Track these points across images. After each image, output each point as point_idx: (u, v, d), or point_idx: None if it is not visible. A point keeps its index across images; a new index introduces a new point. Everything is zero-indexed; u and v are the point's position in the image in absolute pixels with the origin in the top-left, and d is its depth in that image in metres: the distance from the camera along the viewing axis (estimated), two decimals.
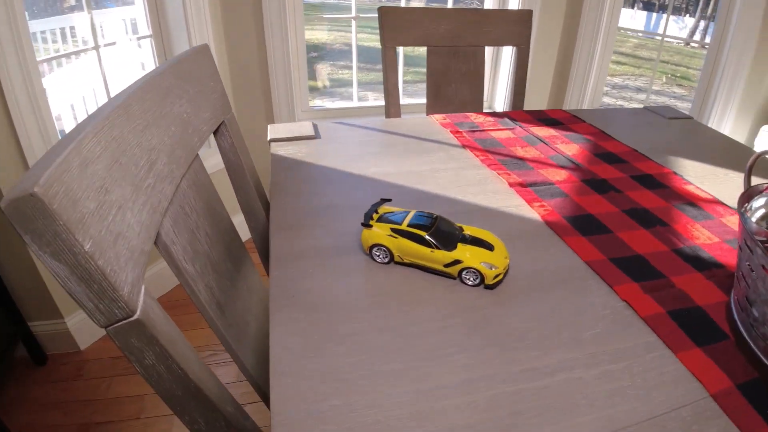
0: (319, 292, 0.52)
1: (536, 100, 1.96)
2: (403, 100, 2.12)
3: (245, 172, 0.77)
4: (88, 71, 1.40)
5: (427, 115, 1.40)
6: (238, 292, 0.66)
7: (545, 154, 0.87)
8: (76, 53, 1.39)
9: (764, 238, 0.46)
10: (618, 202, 0.71)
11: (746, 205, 0.49)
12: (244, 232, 1.87)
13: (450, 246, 0.53)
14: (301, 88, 1.89)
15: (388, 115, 1.33)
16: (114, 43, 1.45)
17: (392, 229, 0.55)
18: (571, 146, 0.91)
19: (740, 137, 2.00)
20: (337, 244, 0.60)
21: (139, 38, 1.52)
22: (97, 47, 1.37)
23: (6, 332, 1.19)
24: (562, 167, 0.82)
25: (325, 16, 1.79)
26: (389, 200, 0.61)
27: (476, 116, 1.06)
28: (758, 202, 0.47)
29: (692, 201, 0.72)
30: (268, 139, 0.93)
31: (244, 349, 0.60)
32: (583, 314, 0.49)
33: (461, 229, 0.56)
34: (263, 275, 1.60)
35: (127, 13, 1.50)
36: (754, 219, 0.46)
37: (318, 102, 1.93)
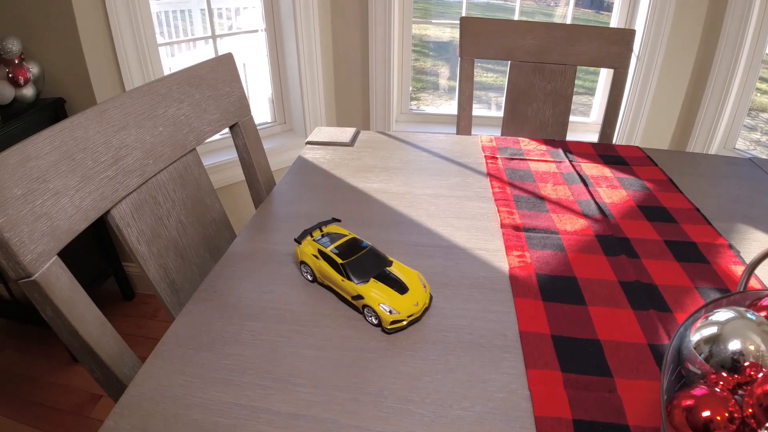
0: (238, 295, 0.54)
1: (656, 133, 1.68)
2: (493, 112, 2.00)
3: (255, 170, 0.82)
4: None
5: (502, 133, 1.31)
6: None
7: (576, 197, 0.76)
8: (193, 40, 1.60)
9: (698, 371, 0.34)
10: (623, 270, 0.59)
11: (708, 314, 0.38)
12: None
13: (361, 279, 0.50)
14: (402, 90, 1.90)
15: (458, 127, 1.28)
16: (228, 35, 1.63)
17: (318, 250, 0.54)
18: (616, 192, 0.78)
19: None
20: (284, 253, 0.61)
21: (252, 32, 1.68)
22: (213, 36, 1.55)
23: (100, 268, 1.45)
24: (585, 215, 0.71)
25: (433, 21, 1.74)
26: (339, 221, 0.60)
27: (528, 142, 0.96)
28: (719, 315, 0.36)
29: (729, 288, 0.57)
30: (306, 141, 0.97)
31: None
32: (470, 390, 0.43)
33: (389, 264, 0.53)
34: None
35: (244, 2, 1.66)
36: (695, 338, 0.35)
37: (440, 103, 1.93)
